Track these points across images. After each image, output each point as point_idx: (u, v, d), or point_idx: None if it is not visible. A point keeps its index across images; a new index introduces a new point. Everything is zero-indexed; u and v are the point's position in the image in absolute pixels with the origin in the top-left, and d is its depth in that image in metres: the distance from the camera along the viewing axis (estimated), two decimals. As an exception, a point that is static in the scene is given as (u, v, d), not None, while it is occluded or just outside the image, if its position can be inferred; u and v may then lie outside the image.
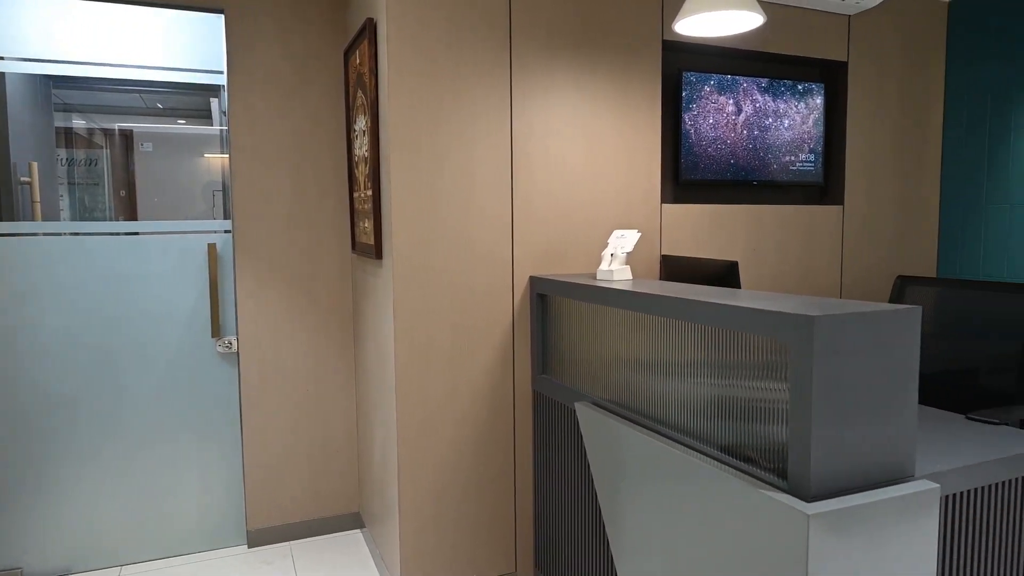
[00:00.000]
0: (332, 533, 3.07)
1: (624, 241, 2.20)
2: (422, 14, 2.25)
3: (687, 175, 2.79)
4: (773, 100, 2.91)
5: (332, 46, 2.91)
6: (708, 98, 2.79)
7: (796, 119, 2.96)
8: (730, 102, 2.83)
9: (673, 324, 1.68)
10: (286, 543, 2.98)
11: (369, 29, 2.35)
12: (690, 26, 2.14)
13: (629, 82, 2.58)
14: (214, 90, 3.34)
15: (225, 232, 2.87)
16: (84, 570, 2.76)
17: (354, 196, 2.84)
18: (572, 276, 2.36)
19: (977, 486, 1.50)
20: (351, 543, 2.98)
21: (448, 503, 2.40)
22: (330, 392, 3.03)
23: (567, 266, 2.53)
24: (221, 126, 3.33)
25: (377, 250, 2.43)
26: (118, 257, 2.74)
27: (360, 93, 2.56)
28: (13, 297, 2.61)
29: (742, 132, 2.86)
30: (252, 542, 2.94)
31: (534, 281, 2.43)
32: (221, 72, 3.03)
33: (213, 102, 3.54)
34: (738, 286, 2.15)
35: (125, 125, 3.52)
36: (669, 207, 2.70)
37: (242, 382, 2.88)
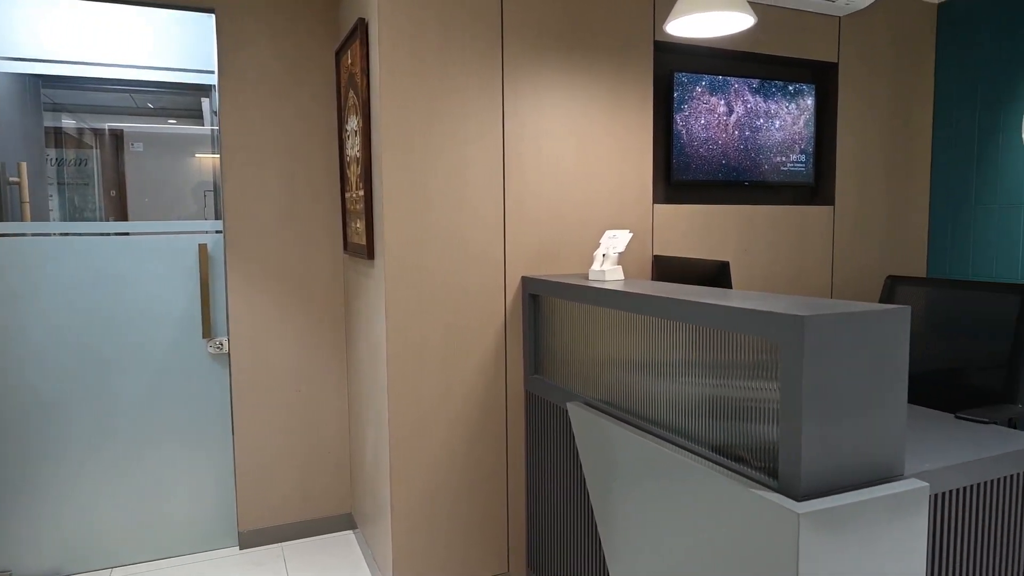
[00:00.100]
0: (324, 534, 3.06)
1: (616, 241, 2.21)
2: (414, 14, 2.25)
3: (679, 175, 2.80)
4: (764, 101, 2.92)
5: (324, 46, 2.91)
6: (700, 99, 2.80)
7: (787, 120, 2.97)
8: (721, 103, 2.84)
9: (664, 324, 1.68)
10: (278, 544, 2.97)
11: (360, 29, 2.35)
12: (681, 27, 2.15)
13: (621, 83, 2.58)
14: (205, 90, 3.32)
15: (216, 232, 2.86)
16: (74, 572, 2.74)
17: (346, 196, 2.84)
18: (564, 276, 2.36)
19: (966, 484, 1.51)
20: (343, 544, 2.97)
21: (440, 503, 2.40)
22: (322, 393, 3.02)
23: (559, 266, 2.53)
24: (212, 126, 3.32)
25: (369, 250, 2.42)
26: (108, 258, 2.72)
27: (352, 93, 2.56)
28: (2, 298, 2.59)
29: (733, 133, 2.87)
30: (243, 543, 2.93)
31: (526, 281, 2.43)
32: (212, 72, 3.02)
33: (204, 102, 3.52)
34: (729, 286, 2.16)
35: (115, 125, 3.51)
36: (661, 207, 2.70)
37: (233, 383, 2.87)
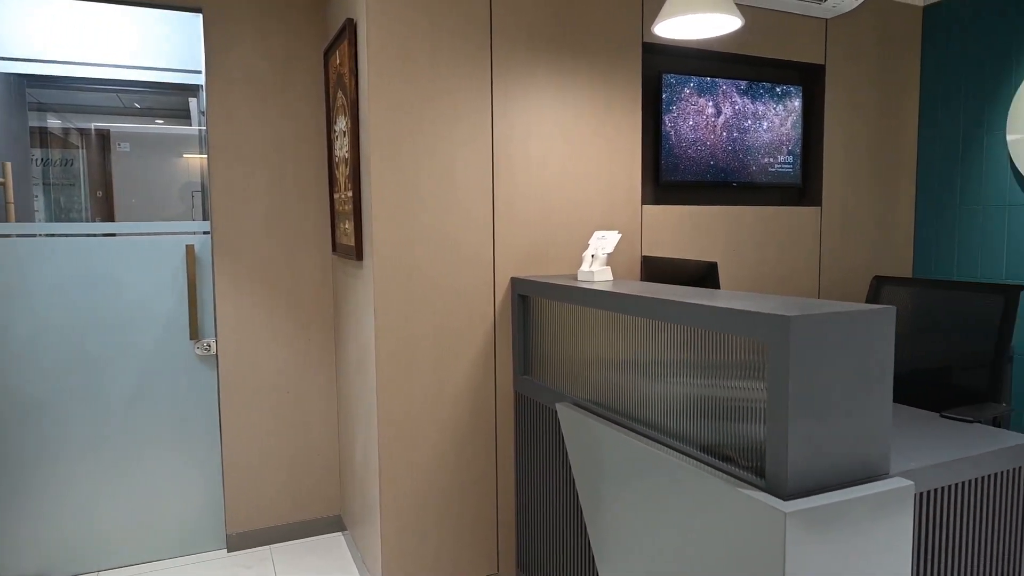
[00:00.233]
0: (313, 536, 3.05)
1: (605, 242, 2.21)
2: (402, 15, 2.25)
3: (667, 176, 2.81)
4: (752, 102, 2.93)
5: (312, 46, 2.90)
6: (688, 100, 2.81)
7: (775, 121, 2.99)
8: (710, 104, 2.86)
9: (653, 325, 1.69)
10: (266, 547, 2.96)
11: (349, 29, 2.35)
12: (669, 28, 2.16)
13: (610, 84, 2.59)
14: (192, 90, 3.31)
15: (204, 233, 2.84)
16: (59, 576, 2.73)
17: (334, 197, 2.83)
18: (553, 277, 2.36)
19: (951, 483, 1.52)
20: (332, 546, 2.96)
21: (430, 505, 2.40)
22: (311, 394, 3.01)
23: (548, 267, 2.53)
24: (200, 126, 3.30)
25: (358, 251, 2.42)
26: (95, 259, 2.70)
27: (340, 93, 2.55)
28: (-14, 299, 2.57)
29: (721, 134, 2.89)
30: (232, 546, 2.91)
31: (515, 282, 2.43)
32: (199, 72, 3.01)
33: (192, 102, 3.50)
34: (717, 287, 2.17)
35: (102, 125, 3.48)
36: (649, 208, 2.71)
37: (221, 384, 2.85)
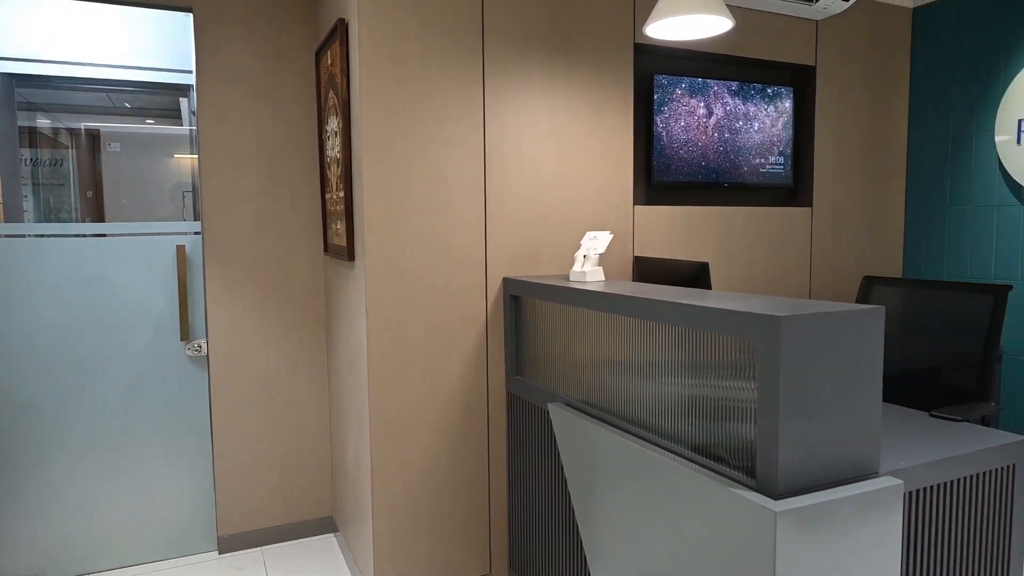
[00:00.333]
0: (305, 538, 3.04)
1: (596, 243, 2.22)
2: (394, 15, 2.24)
3: (659, 177, 2.81)
4: (743, 103, 2.94)
5: (303, 46, 2.89)
6: (680, 101, 2.82)
7: (766, 122, 3.00)
8: (701, 105, 2.86)
9: (644, 325, 1.69)
10: (257, 548, 2.95)
11: (340, 30, 2.34)
12: (660, 30, 2.17)
13: (601, 85, 2.59)
14: (183, 89, 3.29)
15: (195, 234, 2.83)
16: (49, 579, 2.71)
17: (326, 197, 2.82)
18: (545, 278, 2.36)
19: (940, 482, 1.53)
20: (324, 547, 2.95)
21: (422, 505, 2.40)
22: (303, 395, 3.00)
23: (540, 268, 2.54)
24: (191, 126, 3.29)
25: (349, 252, 2.41)
26: (85, 259, 2.68)
27: (332, 94, 2.55)
28: (-26, 300, 2.55)
29: (713, 135, 2.90)
30: (223, 548, 2.90)
31: (507, 283, 2.43)
32: (190, 72, 2.99)
33: (182, 102, 3.49)
34: (709, 287, 2.18)
35: (92, 125, 3.46)
36: (641, 209, 2.72)
37: (212, 385, 2.84)
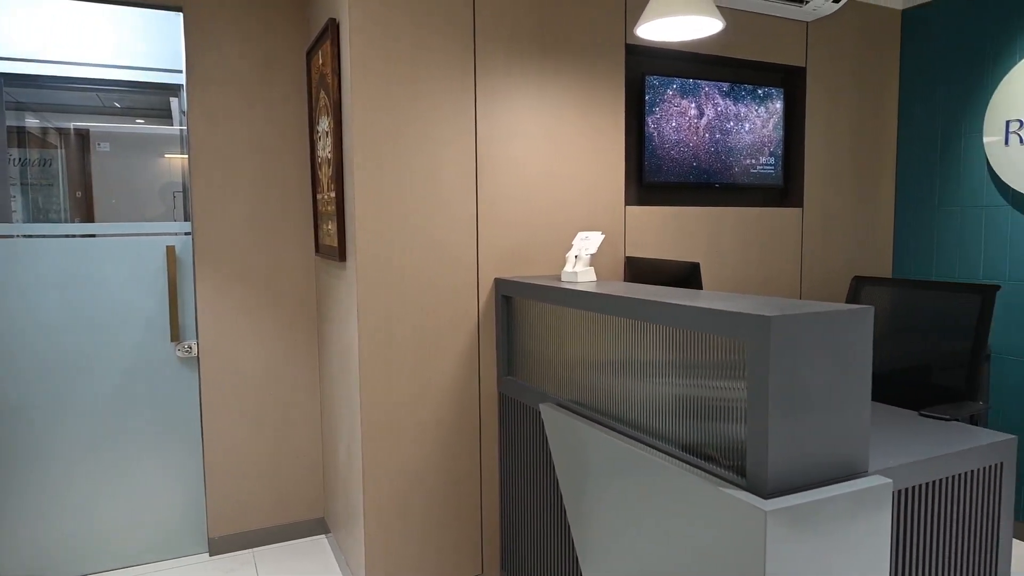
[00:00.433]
0: (296, 539, 3.03)
1: (588, 243, 2.22)
2: (385, 15, 2.24)
3: (650, 177, 2.82)
4: (734, 104, 2.95)
5: (294, 46, 2.88)
6: (671, 102, 2.83)
7: (756, 123, 3.02)
8: (692, 106, 2.87)
9: (636, 325, 1.70)
10: (248, 550, 2.94)
11: (331, 29, 2.34)
12: (651, 30, 2.17)
13: (593, 85, 2.60)
14: (173, 89, 3.28)
15: (185, 234, 2.82)
16: (38, 582, 2.69)
17: (317, 198, 2.81)
18: (537, 278, 2.37)
19: (929, 480, 1.54)
20: (316, 549, 2.94)
21: (414, 506, 2.39)
22: (294, 396, 2.99)
23: (532, 268, 2.54)
24: (181, 126, 3.27)
25: (341, 252, 2.41)
26: (74, 260, 2.67)
27: (323, 94, 2.54)
28: (-39, 301, 2.53)
29: (704, 135, 2.90)
30: (214, 550, 2.89)
31: (499, 283, 2.43)
32: (180, 71, 2.98)
33: (173, 101, 3.47)
34: (700, 287, 2.18)
35: (81, 124, 3.44)
36: (633, 209, 2.72)
37: (203, 387, 2.83)
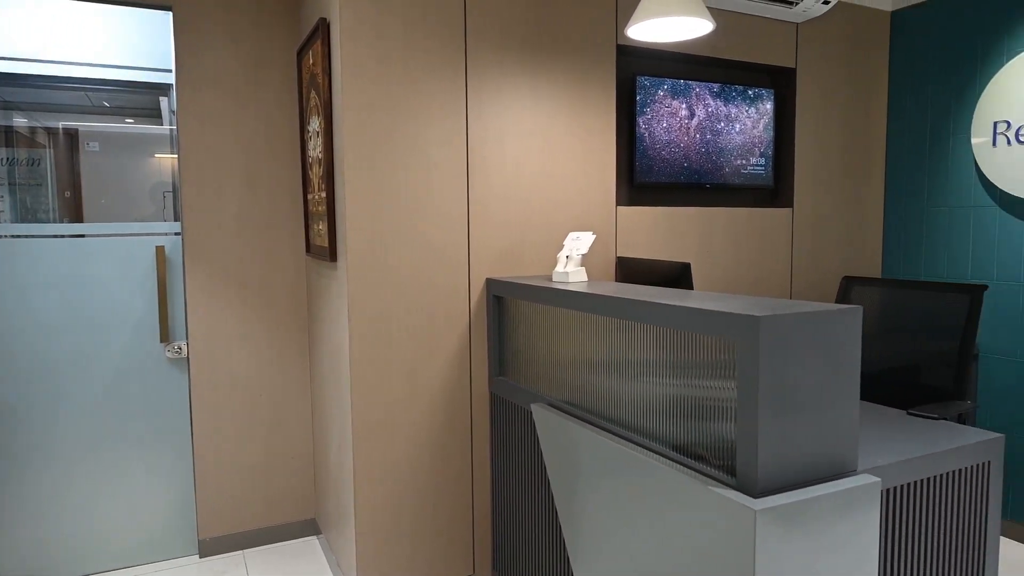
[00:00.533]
0: (287, 540, 3.02)
1: (579, 243, 2.22)
2: (376, 15, 2.24)
3: (641, 178, 2.82)
4: (725, 105, 2.97)
5: (285, 45, 2.87)
6: (662, 102, 2.84)
7: (747, 123, 3.03)
8: (683, 106, 2.88)
9: (627, 325, 1.70)
10: (239, 552, 2.92)
11: (322, 29, 2.33)
12: (642, 31, 2.17)
13: (584, 86, 2.60)
14: (163, 89, 3.26)
15: (175, 235, 2.80)
16: (26, 585, 2.67)
17: (308, 198, 2.81)
18: (528, 278, 2.37)
19: (917, 479, 1.55)
20: (307, 550, 2.93)
21: (405, 507, 2.39)
22: (285, 396, 2.98)
23: (523, 268, 2.54)
24: (171, 125, 3.26)
25: (332, 252, 2.40)
26: (63, 260, 2.65)
27: (313, 94, 2.53)
28: (-52, 302, 2.51)
29: (695, 136, 2.91)
30: (204, 551, 2.87)
31: (490, 283, 2.43)
32: (170, 71, 2.96)
33: (163, 101, 3.45)
34: (691, 287, 2.19)
35: (70, 124, 3.41)
36: (624, 209, 2.73)
37: (193, 388, 2.81)
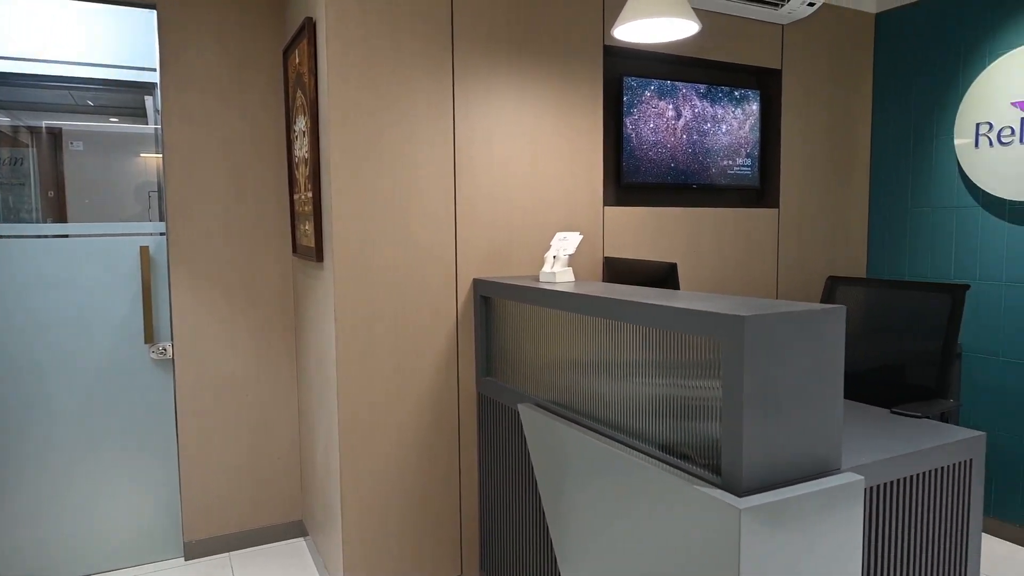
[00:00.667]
0: (274, 542, 3.00)
1: (566, 243, 2.23)
2: (363, 15, 2.23)
3: (628, 178, 2.83)
4: (711, 106, 2.98)
5: (271, 44, 2.86)
6: (649, 103, 2.85)
7: (733, 124, 3.04)
8: (670, 107, 2.89)
9: (613, 325, 1.70)
10: (225, 554, 2.90)
11: (308, 28, 2.32)
12: (628, 32, 2.18)
13: (571, 86, 2.60)
14: (148, 88, 3.23)
15: (160, 235, 2.78)
16: (8, 589, 2.64)
17: (294, 198, 2.79)
18: (515, 278, 2.37)
19: (900, 477, 1.57)
20: (294, 552, 2.92)
21: (392, 508, 2.38)
22: (271, 397, 2.97)
23: (511, 268, 2.54)
24: (156, 125, 3.23)
25: (318, 253, 2.39)
26: (46, 260, 2.62)
27: (299, 93, 2.52)
28: (-72, 303, 2.48)
29: (681, 136, 2.93)
30: (189, 554, 2.85)
31: (477, 283, 2.43)
32: (154, 69, 2.94)
33: (147, 100, 3.42)
34: (677, 287, 2.20)
35: (53, 123, 3.38)
36: (611, 210, 2.74)
37: (178, 389, 2.79)
